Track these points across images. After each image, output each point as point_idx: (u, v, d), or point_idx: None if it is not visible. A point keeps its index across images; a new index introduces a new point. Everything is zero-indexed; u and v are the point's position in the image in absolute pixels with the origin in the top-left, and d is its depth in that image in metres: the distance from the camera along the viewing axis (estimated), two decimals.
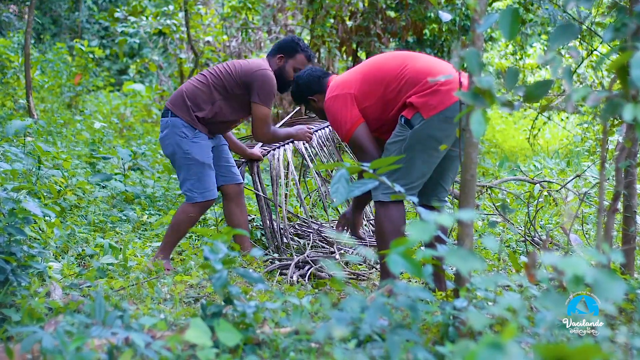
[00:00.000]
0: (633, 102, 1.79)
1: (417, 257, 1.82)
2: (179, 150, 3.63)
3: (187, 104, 3.65)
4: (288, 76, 3.80)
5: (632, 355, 2.00)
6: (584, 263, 1.57)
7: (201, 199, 3.63)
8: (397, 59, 3.16)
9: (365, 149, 3.14)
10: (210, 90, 3.67)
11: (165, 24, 9.38)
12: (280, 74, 3.79)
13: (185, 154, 3.62)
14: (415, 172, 3.03)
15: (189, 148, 3.62)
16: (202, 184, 3.62)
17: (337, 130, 3.20)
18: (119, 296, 2.93)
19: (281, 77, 3.79)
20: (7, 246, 2.56)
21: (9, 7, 12.17)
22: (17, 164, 4.15)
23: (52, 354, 1.86)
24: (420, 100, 3.00)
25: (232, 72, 3.69)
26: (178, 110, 3.65)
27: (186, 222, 3.65)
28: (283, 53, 3.79)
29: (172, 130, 3.64)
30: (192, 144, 3.63)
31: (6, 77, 8.46)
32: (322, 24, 7.16)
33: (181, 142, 3.62)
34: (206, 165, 3.64)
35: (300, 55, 3.80)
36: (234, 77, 3.67)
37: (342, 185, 2.12)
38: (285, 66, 3.79)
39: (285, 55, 3.79)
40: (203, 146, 3.65)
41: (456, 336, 2.10)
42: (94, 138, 6.42)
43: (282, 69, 3.79)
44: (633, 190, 3.02)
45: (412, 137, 3.01)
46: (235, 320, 2.18)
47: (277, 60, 3.79)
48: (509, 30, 1.93)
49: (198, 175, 3.62)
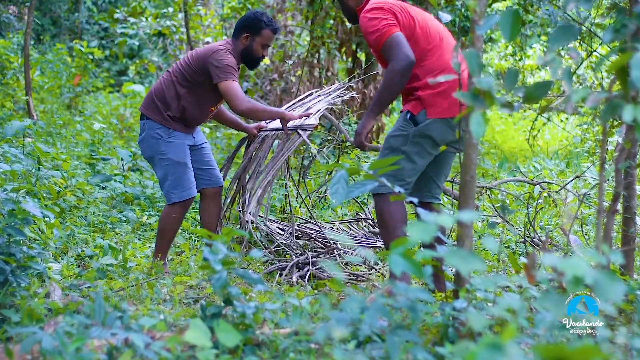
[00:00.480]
0: (633, 103, 1.79)
1: (416, 257, 1.82)
2: (155, 152, 3.62)
3: (157, 105, 3.65)
4: (257, 53, 3.74)
5: (631, 355, 2.00)
6: (584, 264, 1.57)
7: (177, 199, 3.60)
8: (437, 33, 3.09)
9: (396, 56, 2.95)
10: (174, 86, 3.65)
11: (165, 25, 9.39)
12: (247, 53, 3.73)
13: (161, 154, 3.60)
14: (409, 167, 3.04)
15: (164, 149, 3.60)
16: (180, 183, 3.60)
17: (369, 34, 3.03)
18: (118, 297, 2.92)
19: (249, 56, 3.73)
20: (6, 247, 2.56)
21: (8, 8, 12.17)
22: (16, 165, 4.15)
23: (52, 354, 1.86)
24: (430, 99, 2.99)
25: (190, 61, 3.66)
26: (150, 112, 3.65)
27: (170, 224, 3.62)
28: (248, 32, 3.71)
29: (148, 133, 3.64)
30: (167, 144, 3.61)
31: (6, 78, 8.46)
32: (322, 25, 7.16)
33: (156, 144, 3.61)
34: (182, 164, 3.62)
35: (266, 31, 3.72)
36: (192, 66, 3.64)
37: (342, 186, 2.12)
38: (253, 44, 3.72)
39: (251, 34, 3.71)
40: (178, 145, 3.63)
41: (456, 337, 2.10)
42: (93, 139, 6.42)
43: (250, 47, 3.72)
44: (632, 191, 3.03)
45: (414, 134, 3.01)
46: (234, 321, 2.18)
47: (243, 40, 3.72)
48: (510, 32, 1.93)
49: (175, 175, 3.60)
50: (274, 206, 5.00)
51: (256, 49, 3.72)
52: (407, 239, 1.74)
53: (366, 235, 4.29)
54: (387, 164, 2.20)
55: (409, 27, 3.03)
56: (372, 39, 3.01)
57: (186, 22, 8.44)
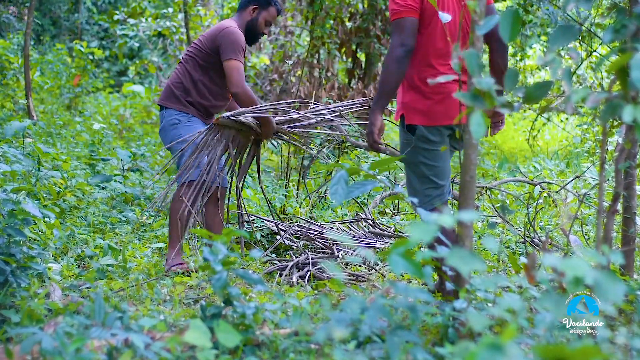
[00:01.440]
0: (633, 103, 1.79)
1: (417, 257, 1.82)
2: (174, 137, 3.65)
3: (175, 94, 3.70)
4: (259, 29, 3.80)
5: (631, 356, 2.00)
6: (585, 264, 1.57)
7: (194, 177, 3.56)
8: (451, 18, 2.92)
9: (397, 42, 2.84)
10: (189, 73, 3.70)
11: (165, 25, 9.38)
12: (252, 26, 3.78)
13: (179, 138, 3.62)
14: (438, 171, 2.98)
15: (182, 132, 3.63)
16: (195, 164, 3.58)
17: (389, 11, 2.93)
18: (118, 297, 2.92)
19: (253, 30, 3.79)
20: (6, 247, 2.56)
21: (8, 8, 12.17)
22: (16, 165, 4.15)
23: (52, 355, 1.86)
24: (424, 104, 2.92)
25: (200, 45, 3.71)
26: (169, 102, 3.70)
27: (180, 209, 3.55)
28: (257, 4, 3.78)
29: (167, 121, 3.69)
30: (185, 128, 3.65)
31: (6, 79, 8.46)
32: (322, 25, 7.16)
33: (175, 130, 3.65)
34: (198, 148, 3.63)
35: (272, 8, 3.80)
36: (203, 48, 3.69)
37: (341, 187, 2.12)
38: (258, 18, 3.79)
39: (260, 7, 3.78)
40: (196, 129, 3.66)
41: (456, 337, 2.10)
42: (93, 139, 6.42)
43: (255, 20, 3.79)
44: (632, 191, 3.03)
45: (416, 142, 2.95)
46: (234, 321, 2.18)
47: (251, 11, 3.78)
48: (510, 32, 1.93)
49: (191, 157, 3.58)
50: (274, 206, 5.00)
51: (260, 23, 3.79)
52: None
53: (366, 236, 4.28)
54: (384, 164, 2.20)
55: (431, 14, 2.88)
56: (390, 16, 2.93)
57: (186, 23, 8.44)
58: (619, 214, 3.18)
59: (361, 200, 5.18)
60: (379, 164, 2.19)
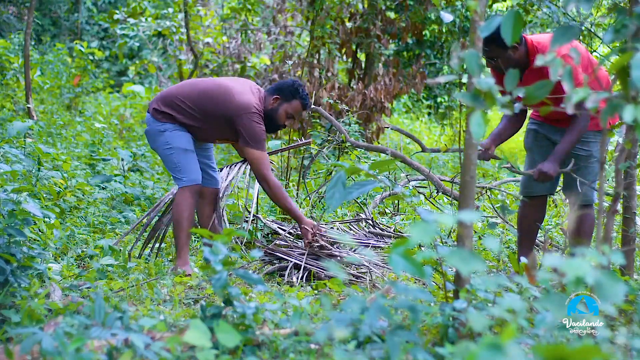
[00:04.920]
0: (633, 103, 1.79)
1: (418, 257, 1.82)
2: (160, 143, 3.62)
3: (165, 112, 3.63)
4: (279, 120, 3.68)
5: (631, 356, 2.00)
6: (585, 265, 1.57)
7: (187, 182, 3.58)
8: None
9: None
10: (191, 111, 3.61)
11: (165, 25, 9.38)
12: (272, 115, 3.66)
13: (166, 145, 3.60)
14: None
15: (169, 140, 3.60)
16: (188, 168, 3.59)
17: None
18: (118, 297, 2.92)
19: (272, 119, 3.66)
20: (6, 247, 2.56)
21: (8, 8, 12.17)
22: (17, 166, 4.14)
23: (52, 355, 1.86)
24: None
25: (216, 100, 3.59)
26: (158, 114, 3.63)
27: (184, 211, 3.57)
28: (280, 95, 3.65)
29: (152, 127, 3.65)
30: (171, 135, 3.60)
31: (6, 79, 8.46)
32: (322, 25, 7.16)
33: (161, 136, 3.61)
34: (188, 151, 3.62)
35: (296, 102, 3.66)
36: (218, 108, 3.58)
37: (338, 191, 2.11)
38: (279, 109, 3.66)
39: (282, 98, 3.65)
40: (183, 135, 3.62)
41: (456, 337, 2.10)
42: (93, 139, 6.41)
43: (275, 110, 3.66)
44: (633, 191, 3.02)
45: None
46: (234, 321, 2.18)
47: (272, 101, 3.66)
48: (512, 33, 1.93)
49: (181, 161, 3.59)
50: (274, 206, 5.00)
51: (280, 114, 3.67)
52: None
53: (366, 236, 4.28)
54: (384, 165, 2.20)
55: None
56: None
57: (186, 23, 8.44)
58: (619, 214, 3.18)
59: (361, 200, 5.18)
60: (380, 164, 2.19)
